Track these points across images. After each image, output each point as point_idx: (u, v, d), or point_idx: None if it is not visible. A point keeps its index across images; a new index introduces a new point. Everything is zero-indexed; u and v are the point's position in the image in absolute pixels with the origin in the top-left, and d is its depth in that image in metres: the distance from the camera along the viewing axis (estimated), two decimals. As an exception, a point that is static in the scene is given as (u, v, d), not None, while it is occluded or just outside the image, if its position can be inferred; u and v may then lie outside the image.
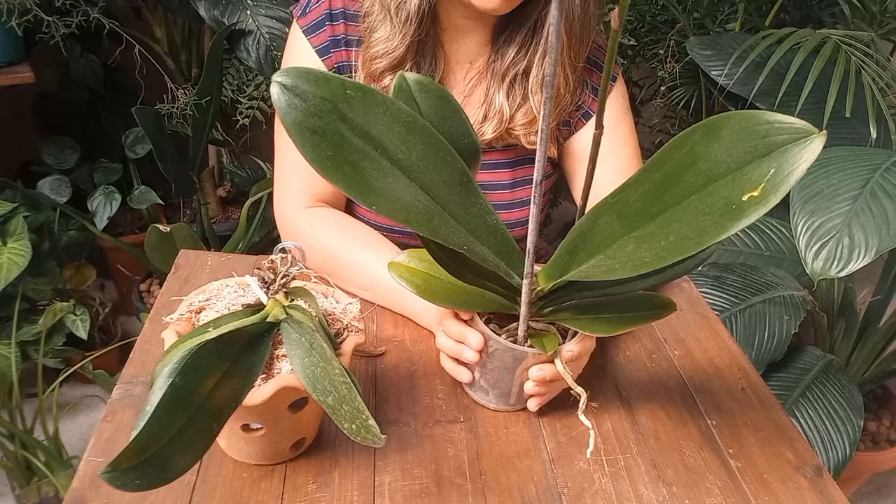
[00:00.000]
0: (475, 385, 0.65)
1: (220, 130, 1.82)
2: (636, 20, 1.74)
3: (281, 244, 0.54)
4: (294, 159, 0.86)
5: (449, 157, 0.52)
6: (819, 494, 0.61)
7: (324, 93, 0.46)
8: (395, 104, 0.50)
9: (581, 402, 0.59)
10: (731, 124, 0.45)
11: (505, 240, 0.58)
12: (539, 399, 0.64)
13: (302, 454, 0.58)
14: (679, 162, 0.48)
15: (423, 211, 0.50)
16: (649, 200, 0.50)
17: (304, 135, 0.45)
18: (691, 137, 0.47)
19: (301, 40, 0.82)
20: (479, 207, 0.55)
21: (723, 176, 0.45)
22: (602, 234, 0.53)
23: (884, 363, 1.45)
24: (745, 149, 0.44)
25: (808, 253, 0.92)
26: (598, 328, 0.59)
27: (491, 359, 0.62)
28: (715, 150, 0.46)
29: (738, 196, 0.44)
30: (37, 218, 1.53)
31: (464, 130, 0.58)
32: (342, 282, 0.76)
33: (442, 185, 0.52)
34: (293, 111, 0.44)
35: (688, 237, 0.46)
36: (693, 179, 0.47)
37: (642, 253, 0.48)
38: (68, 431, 1.54)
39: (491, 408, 0.66)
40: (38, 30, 1.38)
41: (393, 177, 0.49)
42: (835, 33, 1.26)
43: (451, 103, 0.58)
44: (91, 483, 0.53)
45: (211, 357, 0.45)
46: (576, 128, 0.87)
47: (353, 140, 0.47)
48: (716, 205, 0.45)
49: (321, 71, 0.46)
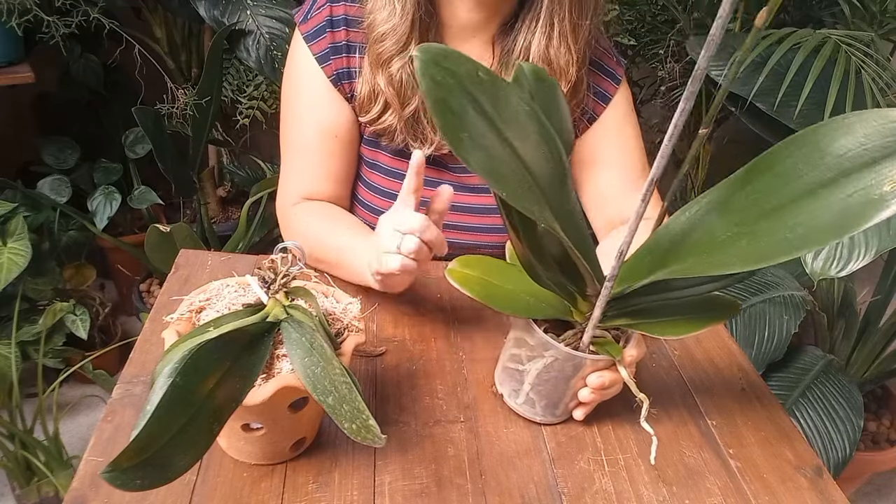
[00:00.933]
0: (521, 397, 0.64)
1: (220, 130, 1.82)
2: (636, 20, 1.74)
3: (281, 244, 0.54)
4: (294, 160, 0.87)
5: (556, 152, 0.52)
6: (819, 494, 0.61)
7: (460, 71, 0.46)
8: (517, 91, 0.50)
9: (644, 409, 0.59)
10: (864, 120, 0.46)
11: (586, 240, 0.58)
12: (587, 408, 0.64)
13: (302, 454, 0.58)
14: (800, 159, 0.48)
15: (537, 201, 0.50)
16: (759, 199, 0.50)
17: (446, 115, 0.45)
18: (815, 135, 0.48)
19: (302, 47, 0.83)
20: (572, 205, 0.55)
21: (856, 170, 0.46)
22: (700, 234, 0.53)
23: (884, 363, 1.45)
24: (883, 143, 0.45)
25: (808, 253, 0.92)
26: (668, 331, 0.59)
27: (548, 369, 0.61)
28: (846, 145, 0.46)
29: (879, 187, 0.44)
30: (37, 218, 1.53)
31: (565, 125, 0.58)
32: (323, 264, 0.78)
33: (548, 179, 0.52)
34: (436, 88, 0.45)
35: (822, 230, 0.46)
36: (819, 175, 0.47)
37: (761, 246, 0.48)
38: (68, 431, 1.54)
39: (537, 420, 0.65)
40: (38, 30, 1.38)
41: (515, 164, 0.49)
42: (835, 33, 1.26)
43: (559, 96, 0.58)
44: (91, 483, 0.53)
45: (211, 357, 0.45)
46: (581, 131, 0.87)
47: (483, 125, 0.47)
48: (852, 197, 0.45)
49: (454, 49, 0.46)
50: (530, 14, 0.78)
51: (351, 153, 0.87)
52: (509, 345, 0.65)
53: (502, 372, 0.66)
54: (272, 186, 1.55)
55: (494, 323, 0.77)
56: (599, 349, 0.59)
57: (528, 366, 0.62)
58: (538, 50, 0.78)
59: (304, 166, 0.86)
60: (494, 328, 0.76)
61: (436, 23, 0.80)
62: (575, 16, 0.77)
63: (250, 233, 1.66)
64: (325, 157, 0.85)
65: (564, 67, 0.78)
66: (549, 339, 0.60)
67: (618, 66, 0.87)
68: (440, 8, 0.79)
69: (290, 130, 0.87)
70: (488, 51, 0.83)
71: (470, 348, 0.73)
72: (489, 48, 0.82)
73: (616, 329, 0.64)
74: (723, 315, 0.61)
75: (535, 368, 0.61)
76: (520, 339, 0.63)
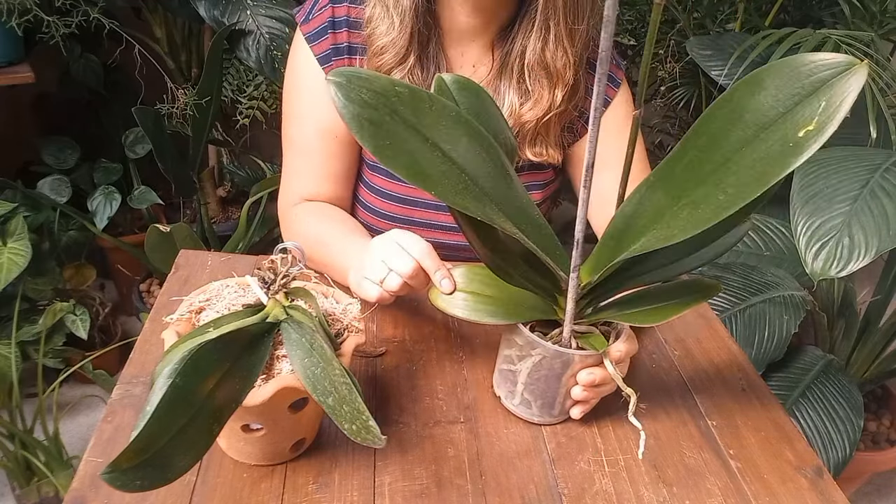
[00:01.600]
0: (516, 398, 0.64)
1: (220, 130, 1.82)
2: (636, 20, 1.74)
3: (281, 245, 0.54)
4: (295, 160, 0.87)
5: (492, 150, 0.53)
6: (819, 494, 0.61)
7: (376, 87, 0.47)
8: (439, 100, 0.51)
9: (631, 404, 0.59)
10: (773, 73, 0.47)
11: (548, 235, 0.58)
12: (584, 406, 0.64)
13: (302, 455, 0.58)
14: (722, 121, 0.50)
15: (477, 199, 0.51)
16: (695, 167, 0.51)
17: (364, 126, 0.47)
18: (733, 96, 0.49)
19: (304, 47, 0.83)
20: (522, 201, 0.56)
21: (773, 122, 0.47)
22: (649, 213, 0.54)
23: (884, 363, 1.45)
24: (792, 91, 0.46)
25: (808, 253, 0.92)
26: (647, 318, 0.59)
27: (538, 368, 0.61)
28: (760, 100, 0.48)
29: (794, 134, 0.46)
30: (37, 218, 1.53)
31: (500, 127, 0.59)
32: (319, 265, 0.77)
33: (487, 178, 0.53)
34: (350, 104, 0.46)
35: (748, 184, 0.47)
36: (741, 133, 0.49)
37: (700, 212, 0.49)
38: (68, 431, 1.54)
39: (535, 421, 0.65)
40: (38, 30, 1.38)
41: (447, 166, 0.50)
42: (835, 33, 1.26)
43: (487, 101, 0.59)
44: (91, 483, 0.53)
45: (211, 357, 0.45)
46: (579, 134, 0.87)
47: (406, 132, 0.48)
48: (771, 148, 0.47)
49: (369, 70, 0.48)
50: (527, 18, 0.78)
51: (352, 154, 0.87)
52: (502, 346, 0.65)
53: (498, 374, 0.66)
54: (272, 186, 1.55)
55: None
56: (585, 344, 0.60)
57: (520, 365, 0.62)
58: (534, 53, 0.78)
59: (305, 167, 0.86)
60: (494, 329, 0.76)
61: (436, 31, 0.80)
62: (570, 20, 0.77)
63: (250, 233, 1.66)
64: (326, 158, 0.85)
65: (562, 70, 0.78)
66: (534, 338, 0.60)
67: (617, 69, 0.87)
68: (439, 15, 0.79)
69: (292, 131, 0.87)
70: (487, 55, 0.83)
71: (470, 349, 0.73)
72: (488, 52, 0.82)
73: (607, 325, 0.64)
74: (702, 296, 0.61)
75: (526, 368, 0.62)
76: (509, 339, 0.63)
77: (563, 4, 0.75)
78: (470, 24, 0.80)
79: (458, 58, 0.83)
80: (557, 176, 0.92)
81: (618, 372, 0.59)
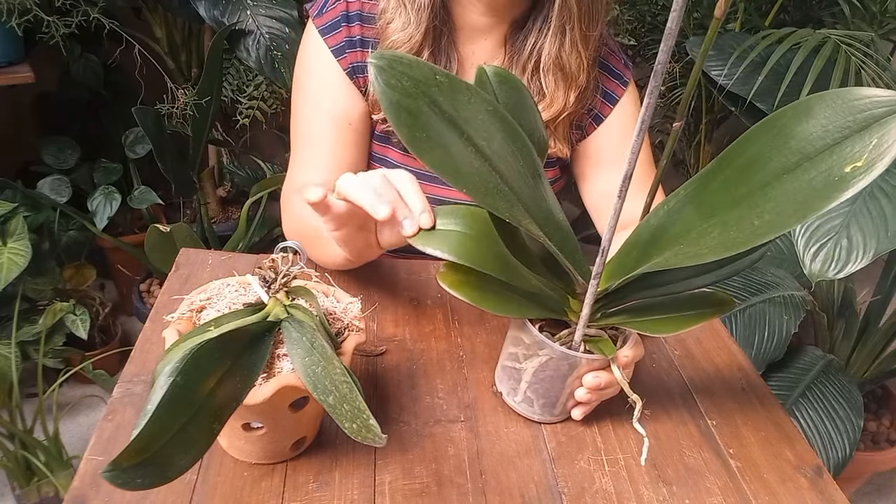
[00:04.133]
0: (519, 395, 0.64)
1: (220, 130, 1.82)
2: (636, 20, 1.74)
3: (282, 244, 0.54)
4: (304, 150, 0.85)
5: (525, 149, 0.52)
6: (819, 494, 0.61)
7: (416, 75, 0.46)
8: (479, 92, 0.50)
9: (636, 410, 0.59)
10: (825, 103, 0.46)
11: (569, 238, 0.57)
12: (586, 408, 0.64)
13: (302, 453, 0.58)
14: (765, 145, 0.48)
15: (506, 199, 0.50)
16: (730, 186, 0.50)
17: (401, 115, 0.45)
18: (779, 120, 0.48)
19: (317, 39, 0.82)
20: (548, 202, 0.55)
21: (819, 153, 0.46)
22: (677, 227, 0.53)
23: (884, 363, 1.45)
24: (843, 124, 0.45)
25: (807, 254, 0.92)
26: (658, 328, 0.59)
27: (543, 368, 0.61)
28: (808, 129, 0.46)
29: (840, 168, 0.45)
30: (37, 218, 1.53)
31: (536, 125, 0.58)
32: (314, 249, 0.74)
33: (518, 176, 0.51)
34: (390, 91, 0.45)
35: (786, 213, 0.46)
36: (784, 160, 0.47)
37: (732, 234, 0.48)
38: (68, 431, 1.54)
39: (536, 419, 0.65)
40: (38, 30, 1.38)
41: (479, 163, 0.49)
42: (835, 33, 1.26)
43: (526, 96, 0.58)
44: (92, 482, 0.53)
45: (212, 356, 0.45)
46: (587, 132, 0.87)
47: (442, 124, 0.47)
48: (815, 180, 0.46)
49: (410, 56, 0.47)
50: (540, 17, 0.78)
51: (363, 145, 0.86)
52: (507, 343, 0.65)
53: (501, 370, 0.66)
54: (272, 186, 1.55)
55: (495, 322, 0.77)
56: (593, 348, 0.59)
57: (525, 364, 0.62)
58: (550, 55, 0.78)
59: (315, 156, 0.84)
60: (495, 328, 0.76)
61: (448, 27, 0.80)
62: (585, 26, 0.77)
63: (250, 233, 1.66)
64: (338, 146, 0.84)
65: (576, 72, 0.79)
66: (543, 339, 0.60)
67: (625, 68, 0.88)
68: (452, 11, 0.79)
69: (302, 121, 0.85)
70: (500, 51, 0.83)
71: (470, 348, 0.73)
72: (501, 49, 0.83)
73: (614, 329, 0.64)
74: (716, 311, 0.61)
75: (532, 367, 0.61)
76: (516, 337, 0.63)
77: (579, 10, 0.76)
78: (482, 21, 0.80)
79: (469, 55, 0.83)
80: (562, 174, 0.92)
81: (625, 378, 0.59)
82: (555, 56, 0.78)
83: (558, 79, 0.79)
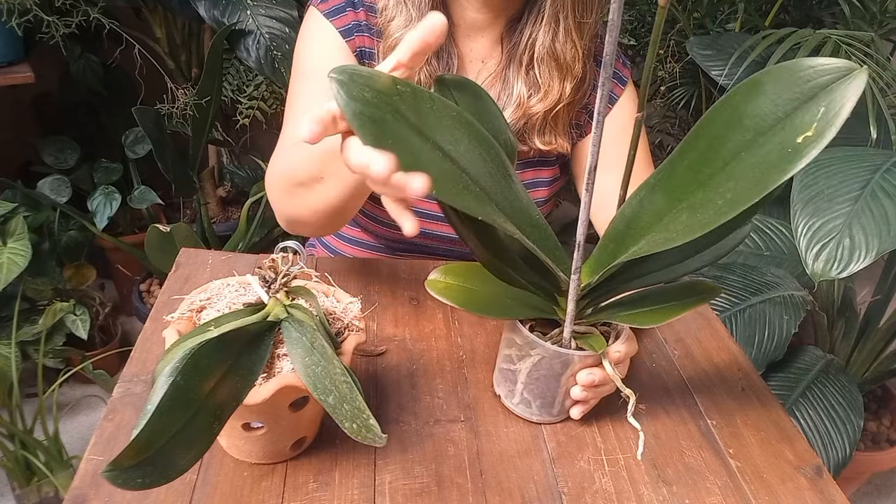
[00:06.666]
0: (516, 397, 0.64)
1: (220, 130, 1.82)
2: (636, 20, 1.74)
3: (281, 243, 0.54)
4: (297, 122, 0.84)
5: (492, 151, 0.53)
6: (819, 494, 0.61)
7: (378, 86, 0.47)
8: (441, 100, 0.51)
9: (630, 405, 0.58)
10: (772, 78, 0.47)
11: (548, 236, 0.58)
12: (584, 406, 0.64)
13: (302, 453, 0.58)
14: (722, 125, 0.49)
15: (478, 199, 0.51)
16: (695, 170, 0.51)
17: (365, 124, 0.45)
18: (732, 100, 0.49)
19: (321, 22, 0.81)
20: (522, 202, 0.56)
21: (771, 127, 0.47)
22: (648, 215, 0.54)
23: (884, 363, 1.45)
24: (791, 96, 0.46)
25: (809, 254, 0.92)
26: (647, 319, 0.59)
27: (537, 368, 0.61)
28: (759, 105, 0.47)
29: (793, 140, 0.45)
30: (37, 218, 1.53)
31: (500, 128, 0.59)
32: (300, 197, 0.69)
33: (488, 177, 0.52)
34: (353, 102, 0.45)
35: (746, 189, 0.47)
36: (740, 137, 0.48)
37: (699, 217, 0.49)
38: (68, 431, 1.54)
39: (535, 420, 0.65)
40: (38, 30, 1.38)
41: (448, 165, 0.50)
42: (835, 33, 1.26)
43: (487, 102, 0.59)
44: (92, 482, 0.53)
45: (212, 356, 0.45)
46: (585, 131, 0.87)
47: (407, 131, 0.48)
48: (770, 154, 0.46)
49: (371, 69, 0.47)
50: (535, 9, 0.78)
51: None
52: (502, 345, 0.65)
53: (498, 373, 0.67)
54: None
55: (495, 322, 0.77)
56: (584, 345, 0.60)
57: (519, 365, 0.62)
58: (544, 45, 0.78)
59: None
60: (495, 328, 0.76)
61: (448, 25, 0.80)
62: (579, 13, 0.77)
63: (250, 233, 1.66)
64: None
65: (571, 63, 0.79)
66: (534, 338, 0.60)
67: (624, 67, 0.88)
68: (450, 8, 0.80)
69: (300, 97, 0.81)
70: (497, 48, 0.83)
71: (470, 348, 0.73)
72: (497, 45, 0.83)
73: (606, 325, 0.64)
74: (703, 298, 0.61)
75: (525, 367, 0.62)
76: (509, 339, 0.63)
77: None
78: (479, 18, 0.80)
79: (468, 52, 0.83)
80: (563, 172, 0.92)
81: (616, 373, 0.59)
82: (549, 46, 0.78)
83: (552, 69, 0.79)
